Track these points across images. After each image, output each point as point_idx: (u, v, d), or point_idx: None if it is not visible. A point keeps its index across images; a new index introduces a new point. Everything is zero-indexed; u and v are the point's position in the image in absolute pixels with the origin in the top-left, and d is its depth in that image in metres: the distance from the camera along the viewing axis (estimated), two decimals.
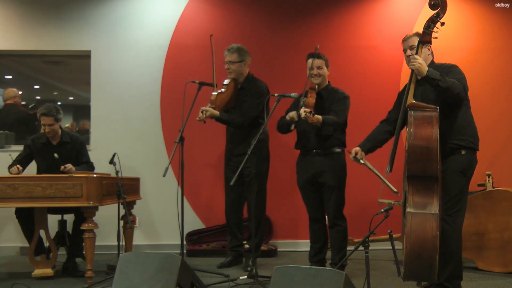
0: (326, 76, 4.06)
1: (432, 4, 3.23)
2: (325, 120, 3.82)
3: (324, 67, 4.03)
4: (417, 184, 3.09)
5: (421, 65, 3.14)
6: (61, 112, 4.41)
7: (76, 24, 5.47)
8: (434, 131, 3.04)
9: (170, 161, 4.17)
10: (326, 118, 3.83)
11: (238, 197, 4.57)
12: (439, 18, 3.22)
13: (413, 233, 2.98)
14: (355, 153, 3.54)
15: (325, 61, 4.04)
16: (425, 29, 3.24)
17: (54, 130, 4.36)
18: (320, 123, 3.79)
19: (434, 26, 3.23)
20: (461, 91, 3.16)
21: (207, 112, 4.25)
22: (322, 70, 4.01)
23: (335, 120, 3.88)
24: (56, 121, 4.35)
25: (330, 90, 4.06)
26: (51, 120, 4.31)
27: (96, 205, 3.85)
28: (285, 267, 2.59)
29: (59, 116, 4.36)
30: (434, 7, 3.22)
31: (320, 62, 4.00)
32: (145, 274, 2.83)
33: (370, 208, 4.58)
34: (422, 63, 3.15)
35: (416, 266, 2.98)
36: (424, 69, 3.13)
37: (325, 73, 4.04)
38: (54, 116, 4.31)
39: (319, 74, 3.99)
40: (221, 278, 4.00)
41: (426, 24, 3.23)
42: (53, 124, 4.32)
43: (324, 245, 4.12)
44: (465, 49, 5.53)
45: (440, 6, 3.21)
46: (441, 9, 3.20)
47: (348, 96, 4.02)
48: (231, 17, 5.55)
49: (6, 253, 5.26)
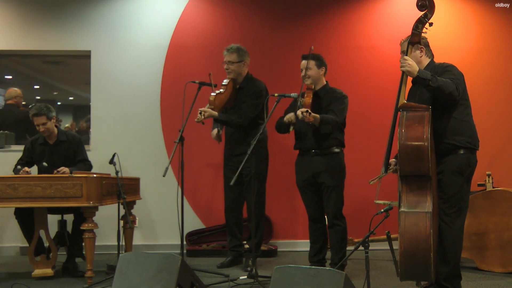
0: (319, 76, 4.03)
1: (420, 5, 3.26)
2: (323, 119, 3.82)
3: (314, 67, 4.00)
4: (410, 183, 3.12)
5: (411, 66, 3.14)
6: (53, 110, 4.39)
7: (76, 24, 5.47)
8: (425, 130, 3.06)
9: (170, 161, 4.17)
10: (323, 116, 3.83)
11: (237, 197, 4.57)
12: (427, 19, 3.24)
13: (406, 233, 3.02)
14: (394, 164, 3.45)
15: (316, 61, 4.01)
16: (414, 30, 3.25)
17: (48, 129, 4.35)
18: (318, 122, 3.79)
19: (423, 27, 3.25)
20: (453, 90, 3.15)
21: (205, 113, 4.24)
22: (310, 71, 4.00)
23: (333, 119, 3.88)
24: (48, 119, 4.32)
25: (327, 90, 4.06)
26: (43, 119, 4.30)
27: (96, 205, 3.85)
28: (285, 267, 2.59)
29: (50, 114, 4.33)
30: (421, 8, 3.25)
31: (309, 63, 4.00)
32: (145, 274, 2.83)
33: (370, 208, 4.58)
34: (412, 64, 3.15)
35: (411, 266, 3.01)
36: (414, 69, 3.14)
37: (314, 73, 4.01)
38: (46, 115, 4.30)
39: (308, 75, 3.99)
40: (221, 278, 4.00)
41: (415, 25, 3.25)
42: (46, 122, 4.31)
43: (324, 245, 4.12)
44: (465, 49, 5.52)
45: (427, 7, 3.23)
46: (429, 9, 3.23)
47: (346, 96, 4.02)
48: (230, 17, 5.55)
49: (6, 253, 5.26)
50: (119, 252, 3.94)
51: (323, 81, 4.08)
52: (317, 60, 4.02)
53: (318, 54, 4.07)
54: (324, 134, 3.95)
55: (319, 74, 4.04)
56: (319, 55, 4.08)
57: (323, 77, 4.09)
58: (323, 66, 4.05)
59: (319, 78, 4.04)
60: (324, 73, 4.08)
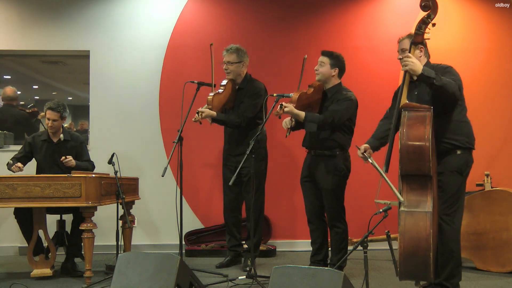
0: (329, 76, 4.01)
1: (423, 6, 3.24)
2: (307, 117, 3.84)
3: (327, 65, 3.98)
4: (410, 183, 3.12)
5: (415, 64, 3.12)
6: (67, 111, 4.51)
7: (75, 24, 5.46)
8: (426, 131, 3.06)
9: (169, 161, 4.17)
10: (308, 115, 3.84)
11: (236, 197, 4.57)
12: (430, 19, 3.23)
13: (406, 232, 3.01)
14: (364, 149, 3.50)
15: (332, 60, 3.98)
16: (417, 30, 3.25)
17: (57, 126, 4.42)
18: (301, 118, 3.82)
19: (426, 27, 3.24)
20: (456, 90, 3.17)
21: (203, 113, 4.24)
22: (322, 67, 3.99)
23: (320, 119, 3.86)
24: (61, 118, 4.43)
25: (336, 91, 4.02)
26: (57, 116, 4.37)
27: (95, 205, 3.85)
28: (283, 267, 2.59)
29: (64, 113, 4.45)
30: (425, 9, 3.24)
31: (323, 58, 4.01)
32: (144, 274, 2.83)
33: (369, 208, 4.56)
34: (416, 62, 3.13)
35: (411, 265, 3.01)
36: (418, 67, 3.11)
37: (324, 71, 3.99)
38: (60, 113, 4.39)
39: (318, 70, 4.00)
40: (219, 278, 4.00)
41: (418, 25, 3.24)
42: (57, 120, 4.39)
43: (322, 246, 4.11)
44: (465, 49, 5.52)
45: (431, 7, 3.22)
46: (432, 10, 3.21)
47: (350, 99, 3.95)
48: (229, 17, 5.55)
49: (5, 253, 5.26)
50: (118, 252, 3.94)
51: (335, 81, 4.04)
52: (332, 59, 4.00)
53: (337, 54, 4.04)
54: (321, 136, 3.95)
55: (330, 74, 4.00)
56: (339, 54, 4.05)
57: (336, 78, 4.04)
58: (337, 67, 4.00)
59: (329, 77, 4.02)
60: (338, 74, 4.04)
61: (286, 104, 3.78)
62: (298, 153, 5.28)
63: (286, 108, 3.76)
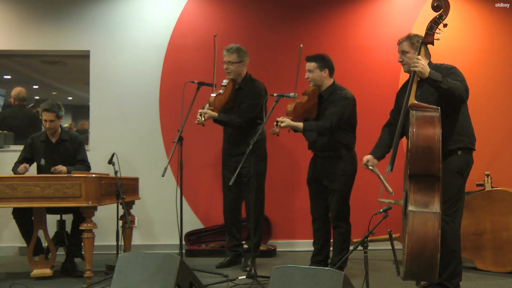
0: (321, 79, 4.01)
1: (435, 6, 3.22)
2: (306, 127, 3.87)
3: (316, 70, 3.98)
4: (418, 183, 3.10)
5: (424, 67, 3.14)
6: (63, 110, 4.49)
7: (75, 24, 5.46)
8: (436, 132, 3.05)
9: (169, 161, 4.17)
10: (306, 124, 3.88)
11: (236, 197, 4.57)
12: (442, 20, 3.22)
13: (414, 232, 2.98)
14: (366, 160, 3.54)
15: (318, 63, 3.98)
16: (428, 30, 3.24)
17: (54, 126, 4.42)
18: (300, 130, 3.86)
19: (437, 28, 3.23)
20: (463, 92, 3.17)
21: (205, 114, 4.24)
22: (312, 73, 3.99)
23: (319, 126, 3.88)
24: (57, 118, 4.42)
25: (331, 91, 4.02)
26: (53, 116, 4.37)
27: (95, 205, 3.85)
28: (284, 267, 2.59)
29: (60, 113, 4.44)
30: (436, 9, 3.23)
31: (309, 65, 4.00)
32: (144, 274, 2.83)
33: (370, 208, 4.57)
34: (425, 65, 3.15)
35: (417, 266, 2.98)
36: (426, 70, 3.13)
37: (316, 76, 3.99)
38: (56, 113, 4.39)
39: (310, 78, 4.01)
40: (220, 278, 4.00)
41: (429, 25, 3.23)
42: (54, 120, 4.39)
43: (324, 247, 4.11)
44: (465, 49, 5.52)
45: (442, 7, 3.21)
46: (444, 10, 3.20)
47: (345, 97, 3.94)
48: (229, 17, 5.55)
49: (5, 253, 5.26)
50: (118, 252, 3.94)
51: (328, 82, 4.04)
52: (319, 62, 3.99)
53: (321, 55, 4.03)
54: (324, 139, 3.96)
55: (322, 77, 4.00)
56: (323, 55, 4.04)
57: (328, 79, 4.04)
58: (326, 68, 4.00)
59: (322, 80, 4.02)
60: (329, 74, 4.03)
61: (282, 119, 3.78)
62: (298, 153, 5.30)
63: (283, 123, 3.77)
